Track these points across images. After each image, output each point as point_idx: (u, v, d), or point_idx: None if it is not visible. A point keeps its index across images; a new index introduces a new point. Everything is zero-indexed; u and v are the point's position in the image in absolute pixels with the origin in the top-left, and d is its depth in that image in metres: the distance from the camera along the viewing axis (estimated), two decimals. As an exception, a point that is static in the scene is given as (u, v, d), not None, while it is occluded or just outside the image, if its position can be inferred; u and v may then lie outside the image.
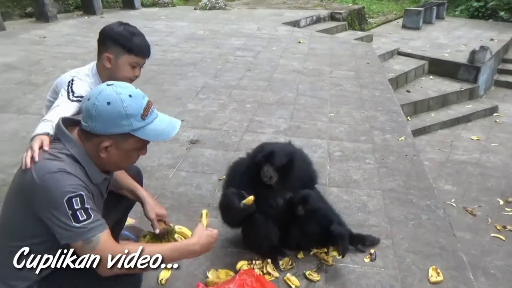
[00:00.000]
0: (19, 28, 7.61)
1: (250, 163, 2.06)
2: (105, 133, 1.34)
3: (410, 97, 6.93)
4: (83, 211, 1.29)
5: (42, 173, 1.28)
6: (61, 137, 1.38)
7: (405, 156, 3.32)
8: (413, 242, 2.36)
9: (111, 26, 1.97)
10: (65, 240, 1.31)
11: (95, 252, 1.31)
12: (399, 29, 11.04)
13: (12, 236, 1.40)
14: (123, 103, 1.32)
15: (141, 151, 1.47)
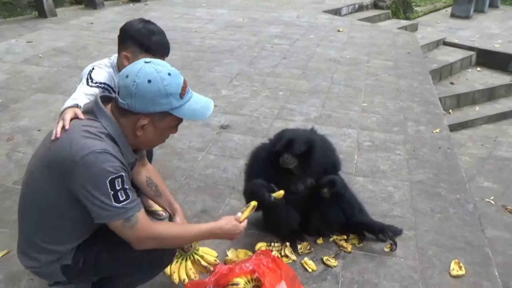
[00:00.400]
0: (69, 14, 8.01)
1: (271, 149, 2.09)
2: (144, 111, 1.33)
3: (454, 89, 6.62)
4: (123, 192, 1.32)
5: (84, 151, 1.27)
6: (99, 113, 1.37)
7: (438, 149, 3.22)
8: (437, 235, 2.32)
9: (131, 23, 1.98)
10: (102, 220, 1.34)
11: (134, 230, 1.37)
12: (447, 18, 10.50)
13: (40, 208, 1.44)
14: (164, 82, 1.31)
15: (174, 129, 1.49)
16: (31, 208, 1.48)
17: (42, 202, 1.42)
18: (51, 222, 1.45)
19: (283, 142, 2.01)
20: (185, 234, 1.54)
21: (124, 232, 1.37)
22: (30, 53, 5.57)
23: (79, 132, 1.32)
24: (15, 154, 3.10)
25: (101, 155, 1.28)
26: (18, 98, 4.12)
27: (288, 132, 2.11)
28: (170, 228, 1.53)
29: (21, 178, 2.78)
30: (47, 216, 1.44)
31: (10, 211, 2.45)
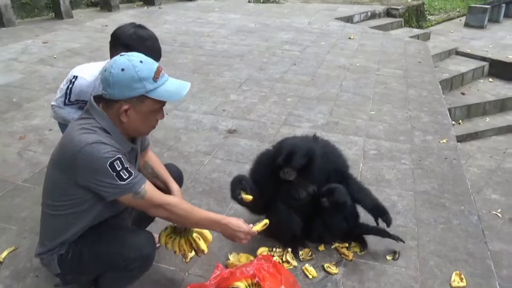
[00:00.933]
0: (85, 16, 8.17)
1: (272, 156, 2.11)
2: (123, 97, 1.48)
3: (464, 99, 6.57)
4: (125, 171, 1.47)
5: (81, 145, 1.43)
6: (93, 111, 1.54)
7: (445, 159, 3.21)
8: (440, 246, 2.31)
9: (123, 29, 2.01)
10: (113, 196, 1.50)
11: (145, 199, 1.54)
12: (461, 27, 10.44)
13: (53, 198, 1.59)
14: (136, 68, 1.45)
15: (158, 114, 1.59)
16: (46, 199, 1.62)
17: (54, 192, 1.59)
18: (60, 211, 1.58)
19: (282, 157, 2.01)
20: (193, 213, 1.66)
21: (137, 203, 1.55)
22: (45, 53, 5.70)
23: (76, 130, 1.49)
24: (26, 153, 3.18)
25: (95, 145, 1.44)
26: (32, 97, 4.22)
27: (287, 144, 2.09)
28: (182, 203, 1.65)
29: (31, 176, 2.87)
30: (56, 206, 1.58)
31: (19, 209, 2.52)
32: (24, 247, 2.21)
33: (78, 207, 1.56)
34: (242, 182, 2.04)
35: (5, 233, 2.31)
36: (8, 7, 7.14)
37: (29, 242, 2.23)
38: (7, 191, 2.70)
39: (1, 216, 2.45)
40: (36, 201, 2.54)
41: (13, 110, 3.93)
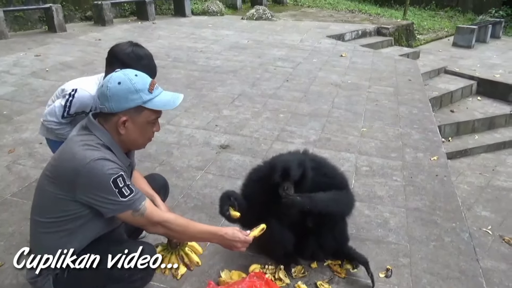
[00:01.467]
0: (79, 30, 8.20)
1: (264, 172, 2.10)
2: (121, 109, 1.52)
3: (454, 117, 6.67)
4: (126, 188, 1.50)
5: (86, 161, 1.44)
6: (92, 128, 1.56)
7: (435, 176, 3.24)
8: (432, 263, 2.31)
9: (120, 46, 2.05)
10: (113, 213, 1.52)
11: (144, 217, 1.56)
12: (449, 47, 10.68)
13: (47, 215, 1.55)
14: (132, 81, 1.51)
15: (155, 126, 1.64)
16: (38, 217, 1.58)
17: (47, 210, 1.55)
18: (53, 228, 1.55)
19: (278, 173, 1.99)
20: (190, 227, 1.67)
21: (136, 220, 1.56)
22: (37, 66, 5.68)
23: (79, 146, 1.50)
24: (16, 166, 3.13)
25: (100, 162, 1.46)
26: (23, 110, 4.18)
27: (279, 160, 2.08)
28: (178, 219, 1.66)
29: (19, 190, 2.82)
30: (49, 223, 1.55)
31: (6, 224, 2.47)
32: (10, 263, 2.14)
33: (72, 223, 1.53)
34: (231, 198, 2.03)
35: (-9, 249, 2.26)
36: (1, 20, 7.14)
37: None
38: (-5, 205, 2.65)
39: (-13, 231, 2.40)
40: (24, 216, 2.50)
41: (3, 123, 3.89)
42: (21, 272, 2.04)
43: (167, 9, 10.77)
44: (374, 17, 11.46)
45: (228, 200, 2.02)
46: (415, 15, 14.40)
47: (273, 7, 12.44)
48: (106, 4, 8.63)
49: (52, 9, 7.78)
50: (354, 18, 11.15)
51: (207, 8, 10.87)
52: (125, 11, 9.93)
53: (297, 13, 11.98)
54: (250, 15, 10.44)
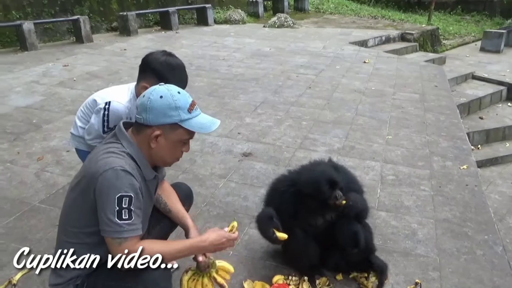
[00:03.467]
0: (105, 40, 8.42)
1: (291, 182, 2.06)
2: (157, 123, 1.51)
3: (483, 124, 6.45)
4: (127, 211, 1.43)
5: (105, 167, 1.43)
6: (120, 136, 1.56)
7: (465, 186, 3.12)
8: (464, 278, 2.21)
9: (154, 55, 2.06)
10: (102, 233, 1.46)
11: (118, 250, 1.46)
12: (476, 52, 10.38)
13: (70, 225, 1.56)
14: (174, 97, 1.51)
15: (185, 146, 1.62)
16: (64, 226, 1.59)
17: (72, 219, 1.55)
18: (77, 239, 1.55)
19: (327, 186, 1.93)
20: (168, 251, 1.54)
21: (112, 248, 1.48)
22: (65, 76, 5.85)
23: (103, 153, 1.50)
24: (44, 174, 3.20)
25: (117, 172, 1.43)
26: (51, 119, 4.30)
27: (318, 172, 2.02)
28: (152, 247, 1.51)
29: (47, 197, 2.88)
30: (74, 233, 1.55)
31: (34, 230, 2.52)
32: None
33: (92, 237, 1.52)
34: (273, 219, 1.95)
35: (19, 255, 2.30)
36: (31, 32, 7.41)
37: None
38: (23, 211, 2.71)
39: (16, 237, 2.45)
40: (51, 223, 2.55)
41: (33, 131, 4.01)
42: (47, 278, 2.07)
43: (190, 19, 10.93)
44: (398, 22, 11.29)
45: (271, 222, 1.94)
46: (440, 20, 14.10)
47: (295, 15, 12.45)
48: (131, 15, 8.84)
49: (80, 20, 8.03)
50: (377, 24, 11.02)
51: (229, 16, 10.98)
52: (149, 21, 10.15)
53: (319, 20, 11.94)
54: (272, 23, 10.47)
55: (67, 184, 3.00)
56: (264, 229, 1.96)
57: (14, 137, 3.87)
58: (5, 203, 2.81)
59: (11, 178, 3.14)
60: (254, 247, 2.41)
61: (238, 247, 2.41)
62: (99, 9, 9.16)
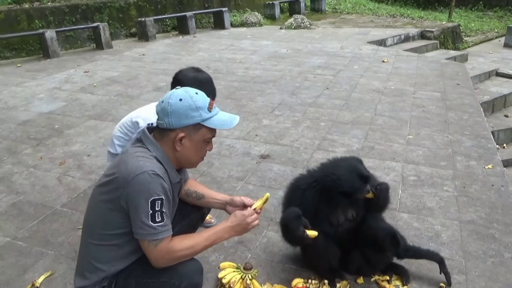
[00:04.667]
0: (124, 46, 8.57)
1: (315, 180, 2.04)
2: (180, 125, 1.54)
3: (509, 122, 6.23)
4: (160, 214, 1.48)
5: (137, 171, 1.46)
6: (146, 141, 1.59)
7: (491, 186, 3.02)
8: (491, 282, 2.13)
9: (183, 72, 2.28)
10: (137, 236, 1.51)
11: (155, 251, 1.50)
12: (500, 48, 10.07)
13: (96, 227, 1.58)
14: (193, 98, 1.55)
15: (208, 145, 1.66)
16: (90, 228, 1.62)
17: (99, 222, 1.58)
18: (104, 241, 1.57)
19: (358, 181, 1.94)
20: (198, 242, 1.60)
21: (148, 250, 1.52)
22: (86, 82, 5.97)
23: (132, 157, 1.53)
24: (65, 178, 3.27)
25: (149, 176, 1.46)
26: (72, 124, 4.39)
27: (347, 165, 2.01)
28: (183, 241, 1.57)
29: (69, 201, 2.93)
30: (100, 235, 1.57)
31: (56, 233, 2.56)
32: (60, 272, 2.23)
33: (121, 239, 1.55)
34: (302, 217, 1.92)
35: (42, 258, 2.34)
36: (53, 40, 7.60)
37: (65, 268, 2.25)
38: (46, 215, 2.76)
39: (39, 241, 2.50)
40: (73, 226, 2.60)
41: (55, 136, 4.10)
42: (69, 280, 2.11)
43: (207, 23, 11.01)
44: (417, 20, 11.07)
45: (300, 220, 1.91)
46: (461, 17, 13.76)
47: (311, 16, 12.38)
48: (149, 21, 8.96)
49: (100, 27, 8.19)
50: (395, 22, 10.84)
51: (245, 19, 11.00)
52: (167, 26, 10.26)
53: (336, 20, 11.83)
54: (289, 24, 10.43)
55: (88, 188, 3.05)
56: (293, 229, 1.91)
57: (37, 142, 3.96)
58: (28, 207, 2.88)
59: (34, 182, 3.21)
60: (273, 250, 2.39)
61: (256, 250, 2.39)
62: (118, 15, 9.33)
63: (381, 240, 2.00)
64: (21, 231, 2.59)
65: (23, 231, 2.60)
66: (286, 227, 1.99)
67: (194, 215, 2.00)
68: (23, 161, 3.58)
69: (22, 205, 2.89)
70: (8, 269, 2.26)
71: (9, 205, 2.90)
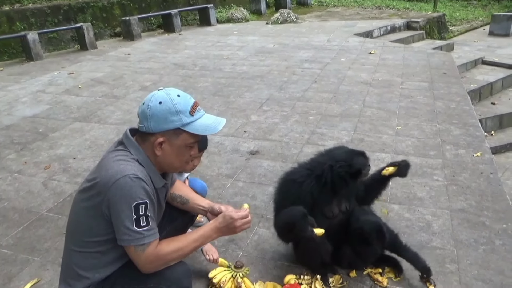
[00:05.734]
0: (108, 46, 8.44)
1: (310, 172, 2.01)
2: (159, 130, 1.47)
3: (495, 110, 6.28)
4: (144, 218, 1.42)
5: (117, 176, 1.39)
6: (128, 144, 1.52)
7: (480, 174, 3.02)
8: (483, 270, 2.13)
9: None
10: (121, 243, 1.44)
11: (142, 256, 1.45)
12: (485, 36, 10.16)
13: (79, 235, 1.52)
14: (173, 101, 1.46)
15: (192, 150, 1.56)
16: (72, 235, 1.56)
17: (81, 228, 1.52)
18: (87, 248, 1.52)
19: (361, 157, 1.97)
20: (185, 244, 1.55)
21: (135, 256, 1.46)
22: (70, 84, 5.86)
23: (112, 159, 1.47)
24: (51, 182, 3.19)
25: (131, 180, 1.39)
26: (57, 127, 4.30)
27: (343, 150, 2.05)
28: (170, 244, 1.52)
29: (55, 206, 2.87)
30: (83, 242, 1.52)
31: (42, 240, 2.50)
32: (46, 279, 2.18)
33: (104, 245, 1.50)
34: (307, 216, 1.88)
35: (28, 265, 2.28)
36: (36, 42, 7.45)
37: (51, 274, 2.20)
38: (31, 221, 2.70)
39: (24, 247, 2.44)
40: (59, 232, 2.54)
41: (39, 140, 4.01)
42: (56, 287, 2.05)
43: (192, 20, 10.90)
44: (403, 11, 11.10)
45: (307, 219, 1.88)
46: (446, 7, 13.84)
47: (297, 10, 12.34)
48: (133, 20, 8.83)
49: (83, 28, 8.05)
50: (381, 14, 10.86)
51: (231, 15, 10.92)
52: (152, 25, 10.14)
53: (323, 13, 11.81)
54: (275, 19, 10.38)
55: (74, 192, 2.98)
56: (301, 229, 1.87)
57: (21, 147, 3.88)
58: (13, 213, 2.81)
59: (18, 188, 3.13)
60: (264, 247, 2.36)
61: (247, 248, 2.36)
62: (101, 15, 9.18)
63: (367, 234, 1.98)
64: (5, 238, 2.53)
65: (7, 238, 2.53)
66: (291, 226, 1.92)
67: (182, 219, 1.94)
68: (6, 167, 3.49)
69: (7, 212, 2.82)
70: (-7, 278, 2.20)
71: (-7, 212, 2.82)
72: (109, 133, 4.06)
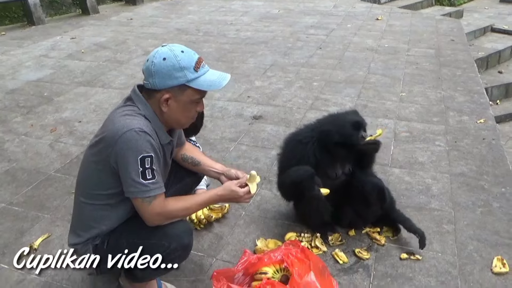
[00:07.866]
0: (111, 11, 8.29)
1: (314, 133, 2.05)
2: (164, 86, 1.47)
3: (502, 78, 6.21)
4: (150, 171, 1.44)
5: (124, 129, 1.42)
6: (135, 99, 1.54)
7: (482, 140, 3.04)
8: (479, 230, 2.19)
9: None
10: (128, 194, 1.48)
11: (149, 209, 1.49)
12: (496, 3, 9.87)
13: (89, 187, 1.58)
14: (177, 58, 1.46)
15: (198, 105, 1.58)
16: (82, 188, 1.62)
17: (91, 182, 1.57)
18: (97, 201, 1.57)
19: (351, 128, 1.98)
20: (190, 205, 1.62)
21: (141, 208, 1.50)
22: (73, 48, 5.82)
23: (119, 116, 1.49)
24: (58, 144, 3.25)
25: (136, 134, 1.42)
26: (62, 91, 4.32)
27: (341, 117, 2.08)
28: (177, 202, 1.58)
29: (62, 166, 2.93)
30: (93, 195, 1.57)
31: (51, 198, 2.58)
32: (57, 234, 2.26)
33: (113, 198, 1.55)
34: (314, 176, 1.93)
35: (38, 221, 2.37)
36: (37, 6, 7.32)
37: (61, 230, 2.28)
38: (40, 181, 2.77)
39: (35, 205, 2.52)
40: (67, 191, 2.61)
41: (44, 104, 4.04)
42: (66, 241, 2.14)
43: (196, -16, 10.62)
44: (413, -24, 10.74)
45: (314, 179, 1.93)
46: (458, -28, 13.37)
47: (303, -26, 11.96)
48: (135, -17, 8.62)
49: (85, -9, 7.88)
50: (390, -21, 10.51)
51: (236, -20, 10.61)
52: (155, -11, 9.89)
53: (329, -22, 11.44)
54: (280, -16, 10.08)
55: (81, 154, 3.04)
56: (308, 188, 1.93)
57: (27, 110, 3.91)
58: (22, 173, 2.87)
59: (26, 149, 3.19)
60: (267, 207, 2.43)
61: (250, 207, 2.42)
62: (103, -22, 8.96)
63: (368, 193, 2.02)
64: (16, 197, 2.61)
65: (18, 197, 2.61)
66: (298, 184, 1.97)
67: (190, 179, 1.99)
68: (13, 129, 3.54)
69: (16, 172, 2.89)
70: (5, 233, 2.29)
71: (2, 172, 2.89)
72: (113, 97, 4.07)
